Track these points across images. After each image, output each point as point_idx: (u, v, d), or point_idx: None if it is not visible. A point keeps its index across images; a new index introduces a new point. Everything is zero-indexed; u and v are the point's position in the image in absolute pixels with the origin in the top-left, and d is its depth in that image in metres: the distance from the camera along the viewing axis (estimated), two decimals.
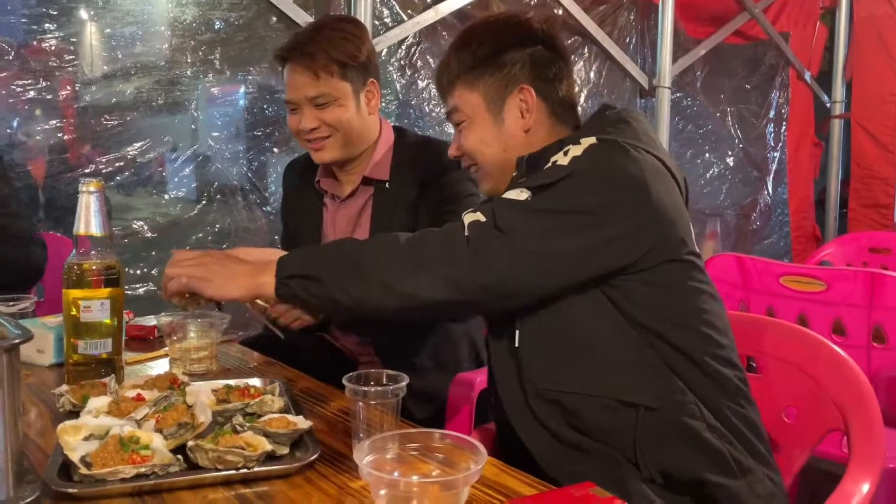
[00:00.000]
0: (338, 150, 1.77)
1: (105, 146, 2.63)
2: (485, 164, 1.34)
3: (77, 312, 1.25)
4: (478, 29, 1.38)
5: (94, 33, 2.62)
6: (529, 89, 1.30)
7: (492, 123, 1.32)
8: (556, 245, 1.10)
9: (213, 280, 1.20)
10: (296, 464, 0.99)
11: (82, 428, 0.99)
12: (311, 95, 1.71)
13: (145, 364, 1.53)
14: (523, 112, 1.31)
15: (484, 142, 1.33)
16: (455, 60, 1.34)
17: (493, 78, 1.31)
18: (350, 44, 1.73)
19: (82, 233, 1.25)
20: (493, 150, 1.33)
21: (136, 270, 2.62)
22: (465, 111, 1.33)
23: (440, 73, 1.37)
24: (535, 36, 1.33)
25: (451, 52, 1.36)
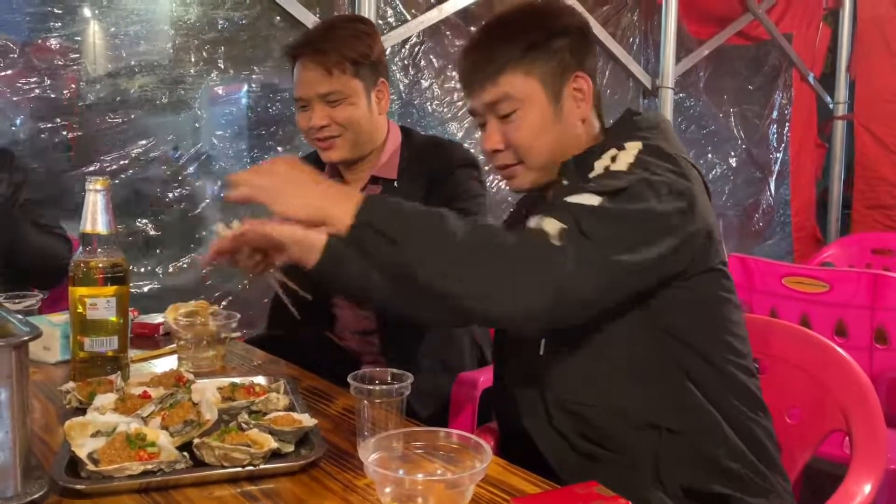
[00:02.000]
0: (347, 150, 1.77)
1: (109, 144, 2.64)
2: (534, 157, 1.26)
3: (83, 310, 1.26)
4: (520, 15, 1.31)
5: (98, 32, 2.62)
6: (585, 76, 1.26)
7: (551, 111, 1.25)
8: (641, 254, 1.05)
9: (281, 193, 1.06)
10: (301, 461, 1.00)
11: (89, 425, 0.99)
12: (323, 92, 1.71)
13: (150, 362, 1.53)
14: (579, 101, 1.27)
15: (542, 131, 1.24)
16: (503, 47, 1.25)
17: (548, 64, 1.24)
18: (362, 42, 1.73)
19: (89, 231, 1.26)
20: (547, 141, 1.25)
21: (141, 269, 2.63)
22: (519, 98, 1.24)
23: (478, 62, 1.27)
24: (577, 24, 1.29)
25: (491, 41, 1.27)
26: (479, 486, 0.93)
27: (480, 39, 1.31)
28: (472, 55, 1.30)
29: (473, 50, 1.30)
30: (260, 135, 2.97)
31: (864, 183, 4.69)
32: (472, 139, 3.48)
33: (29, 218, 2.01)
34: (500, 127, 1.27)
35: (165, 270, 2.72)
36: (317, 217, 1.04)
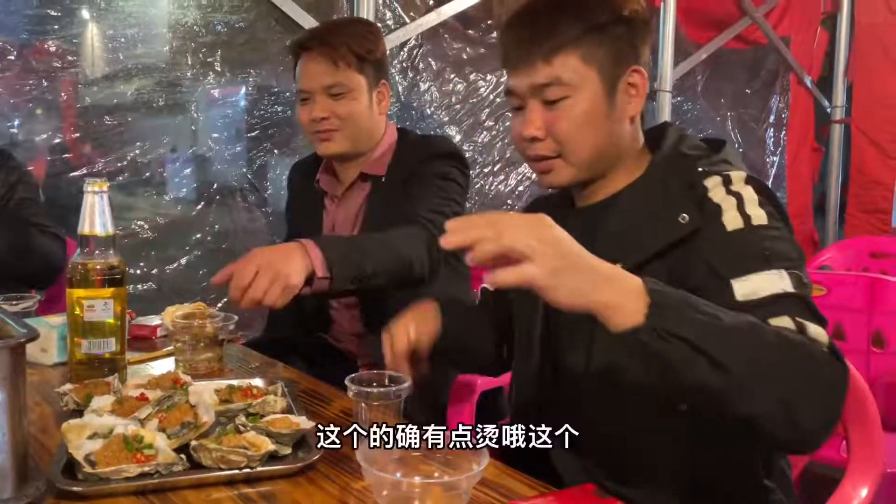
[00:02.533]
0: (345, 144, 1.78)
1: (106, 146, 2.64)
2: (578, 152, 1.14)
3: (81, 312, 1.26)
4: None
5: (96, 34, 2.63)
6: (642, 71, 1.16)
7: (605, 104, 1.13)
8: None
9: (557, 271, 0.85)
10: (298, 464, 0.99)
11: (86, 427, 0.99)
12: (328, 84, 1.73)
13: (148, 364, 1.53)
14: (632, 97, 1.16)
15: (591, 124, 1.13)
16: (564, 21, 1.11)
17: (608, 51, 1.13)
18: (368, 40, 1.77)
19: (87, 232, 1.26)
20: (595, 136, 1.13)
21: (137, 270, 2.63)
22: (573, 84, 1.11)
23: (532, 36, 1.12)
24: (642, 11, 1.18)
25: (551, 11, 1.14)
26: (475, 489, 0.92)
27: (537, 7, 1.16)
28: (524, 25, 1.15)
29: (527, 19, 1.15)
30: (257, 137, 2.97)
31: (859, 187, 4.70)
32: (471, 142, 3.49)
33: (22, 217, 2.00)
34: (544, 113, 1.14)
35: (162, 272, 2.72)
36: (593, 310, 0.86)
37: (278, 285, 1.28)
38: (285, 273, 1.28)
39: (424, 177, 1.73)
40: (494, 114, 3.55)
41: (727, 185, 1.07)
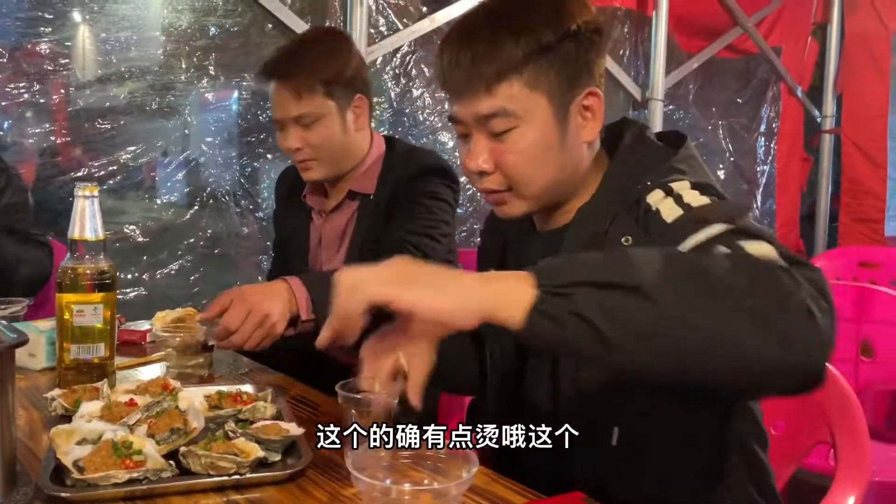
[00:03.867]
0: (325, 170, 1.75)
1: (97, 150, 2.63)
2: (528, 186, 1.07)
3: (70, 316, 1.25)
4: (524, 3, 1.04)
5: (89, 37, 2.62)
6: (598, 92, 1.07)
7: (556, 132, 1.05)
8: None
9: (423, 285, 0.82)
10: (288, 470, 0.99)
11: (75, 432, 0.98)
12: (295, 115, 1.68)
13: (137, 369, 1.52)
14: (587, 121, 1.07)
15: (541, 156, 1.05)
16: (505, 45, 1.00)
17: (557, 74, 1.02)
18: (335, 60, 1.70)
19: (77, 237, 1.25)
20: (547, 168, 1.06)
21: (128, 275, 2.62)
22: (517, 114, 1.02)
23: (471, 61, 1.01)
24: (593, 21, 1.05)
25: (490, 33, 1.02)
26: (465, 496, 0.93)
27: (475, 28, 1.04)
28: (462, 46, 1.03)
29: (465, 39, 1.04)
30: (250, 142, 2.97)
31: (850, 196, 4.73)
32: None
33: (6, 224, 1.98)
34: (490, 144, 1.06)
35: (153, 277, 2.71)
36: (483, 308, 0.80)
37: (262, 332, 1.37)
38: (272, 322, 1.37)
39: (412, 197, 1.71)
40: None
41: (668, 193, 1.00)
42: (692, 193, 0.98)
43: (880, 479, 1.93)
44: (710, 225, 0.90)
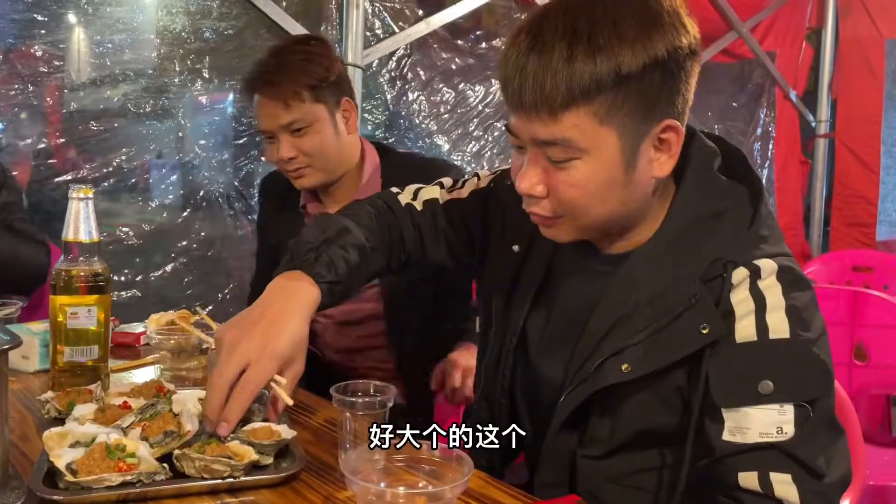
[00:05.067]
0: (319, 176, 1.74)
1: (91, 152, 2.63)
2: (583, 218, 0.98)
3: (64, 319, 1.25)
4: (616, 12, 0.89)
5: (83, 40, 2.62)
6: (677, 126, 0.95)
7: (622, 170, 0.94)
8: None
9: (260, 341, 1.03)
10: (282, 473, 0.99)
11: (68, 435, 0.98)
12: (286, 123, 1.67)
13: (130, 372, 1.52)
14: (660, 155, 0.96)
15: (602, 192, 0.94)
16: (581, 67, 0.87)
17: (633, 106, 0.90)
18: (317, 65, 1.68)
19: (71, 239, 1.25)
20: (611, 204, 0.96)
21: (122, 277, 2.61)
22: (580, 147, 0.91)
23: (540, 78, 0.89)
24: (688, 43, 0.92)
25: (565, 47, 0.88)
26: (460, 499, 0.92)
27: (548, 36, 0.89)
28: (531, 57, 0.90)
29: (535, 49, 0.90)
30: (244, 145, 2.96)
31: (843, 201, 4.75)
32: (459, 152, 3.50)
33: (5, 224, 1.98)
34: (545, 168, 0.95)
35: (147, 279, 2.70)
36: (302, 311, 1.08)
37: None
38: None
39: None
40: (483, 124, 3.56)
41: (754, 281, 0.94)
42: (777, 302, 0.93)
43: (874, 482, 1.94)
44: (772, 404, 0.89)
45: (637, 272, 1.02)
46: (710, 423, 0.93)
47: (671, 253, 1.00)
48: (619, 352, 0.99)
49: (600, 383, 1.00)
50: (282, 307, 1.06)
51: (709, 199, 1.02)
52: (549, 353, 1.13)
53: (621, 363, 0.98)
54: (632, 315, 0.99)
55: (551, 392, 1.09)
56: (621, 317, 1.00)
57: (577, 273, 1.11)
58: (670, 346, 0.96)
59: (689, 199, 1.02)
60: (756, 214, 1.00)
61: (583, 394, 1.02)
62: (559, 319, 1.12)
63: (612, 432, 1.03)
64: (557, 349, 1.11)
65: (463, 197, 1.28)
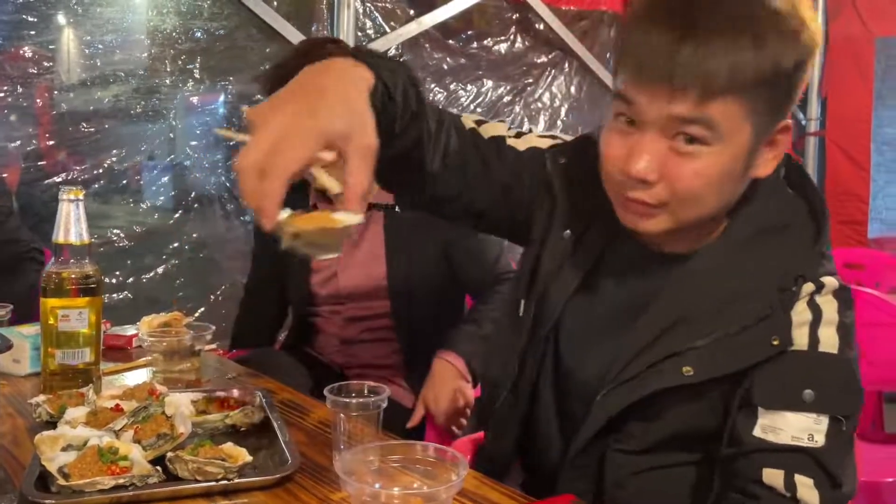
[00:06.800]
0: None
1: (82, 154, 2.62)
2: (691, 210, 0.94)
3: (55, 321, 1.24)
4: (780, 13, 0.87)
5: (73, 40, 2.61)
6: (790, 125, 0.95)
7: (742, 166, 0.92)
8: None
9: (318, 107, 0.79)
10: (276, 475, 0.98)
11: (60, 438, 0.97)
12: None
13: (123, 374, 1.51)
14: (769, 157, 0.95)
15: (721, 184, 0.92)
16: (744, 57, 0.85)
17: (769, 103, 0.89)
18: None
19: (61, 241, 1.24)
20: (721, 199, 0.94)
21: (113, 279, 2.60)
22: (720, 133, 0.88)
23: (698, 57, 0.84)
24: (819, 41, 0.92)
25: (727, 30, 0.85)
26: (455, 500, 0.92)
27: (708, 15, 0.86)
28: (686, 34, 0.85)
29: (692, 27, 0.86)
30: (236, 145, 2.95)
31: (834, 199, 4.77)
32: None
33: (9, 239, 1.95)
34: (668, 155, 0.90)
35: (138, 281, 2.69)
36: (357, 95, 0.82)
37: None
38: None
39: None
40: None
41: (813, 296, 0.95)
42: (830, 318, 0.95)
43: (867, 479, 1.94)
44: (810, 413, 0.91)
45: (700, 275, 1.00)
46: (743, 417, 0.94)
47: (737, 259, 0.99)
48: (678, 354, 0.96)
49: (655, 384, 0.97)
50: (331, 80, 0.82)
51: (776, 210, 1.01)
52: (586, 348, 1.08)
53: (681, 365, 0.95)
54: (694, 318, 0.97)
55: (582, 387, 1.06)
56: (681, 318, 0.98)
57: (629, 268, 1.06)
58: (738, 352, 0.94)
59: (759, 207, 1.00)
60: (821, 232, 0.99)
61: (632, 394, 0.99)
62: (603, 314, 1.07)
63: (647, 431, 1.02)
64: (596, 345, 1.07)
65: (520, 149, 1.12)
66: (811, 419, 0.91)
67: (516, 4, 3.71)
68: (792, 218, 1.01)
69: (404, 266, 1.79)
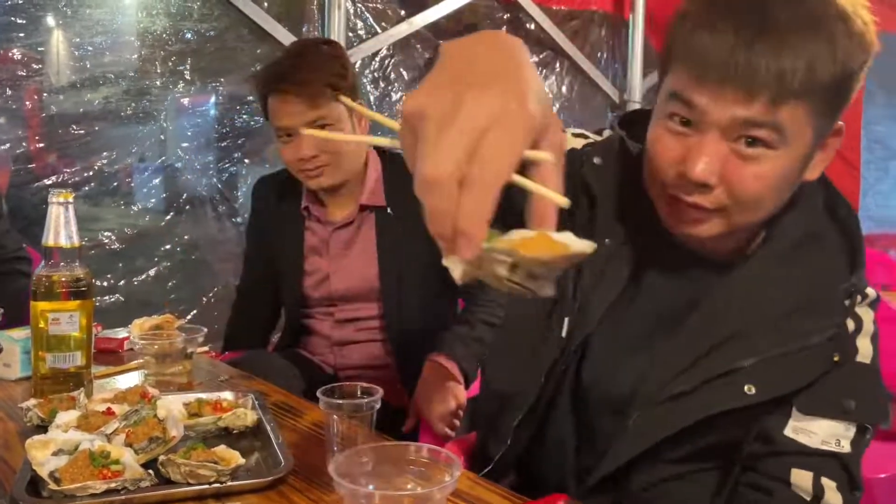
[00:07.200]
0: (337, 176, 1.76)
1: (71, 156, 2.61)
2: (751, 216, 0.91)
3: (45, 325, 1.23)
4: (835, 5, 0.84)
5: (63, 42, 2.59)
6: (842, 128, 0.93)
7: (799, 169, 0.90)
8: None
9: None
10: (270, 478, 0.98)
11: (51, 443, 0.97)
12: (310, 120, 1.68)
13: (114, 377, 1.50)
14: (824, 159, 0.94)
15: (779, 188, 0.89)
16: (822, 60, 0.81)
17: (832, 107, 0.87)
18: (336, 65, 1.72)
19: (51, 244, 1.23)
20: (775, 203, 0.91)
21: (104, 282, 2.59)
22: (786, 137, 0.84)
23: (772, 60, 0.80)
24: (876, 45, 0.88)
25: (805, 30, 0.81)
26: (449, 500, 0.92)
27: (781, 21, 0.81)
28: (760, 34, 0.81)
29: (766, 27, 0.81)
30: (227, 147, 2.95)
31: None
32: None
33: None
34: (729, 158, 0.86)
35: (130, 284, 2.68)
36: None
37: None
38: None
39: None
40: None
41: (855, 305, 0.96)
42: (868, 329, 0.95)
43: None
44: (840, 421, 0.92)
45: (748, 285, 0.97)
46: (774, 416, 0.94)
47: (784, 269, 0.96)
48: (735, 371, 0.93)
49: (717, 405, 0.93)
50: (505, 55, 0.61)
51: (813, 217, 0.99)
52: (617, 359, 1.04)
53: (742, 384, 0.92)
54: (748, 332, 0.94)
55: (611, 400, 1.03)
56: (735, 332, 0.95)
57: (668, 275, 1.02)
58: (801, 370, 0.93)
59: (801, 213, 0.98)
60: (858, 238, 0.99)
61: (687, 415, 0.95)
62: (637, 323, 1.03)
63: (685, 443, 0.98)
64: (629, 356, 1.03)
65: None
66: (842, 426, 0.93)
67: (507, 4, 3.71)
68: (826, 225, 0.99)
69: (396, 268, 1.79)
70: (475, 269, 0.61)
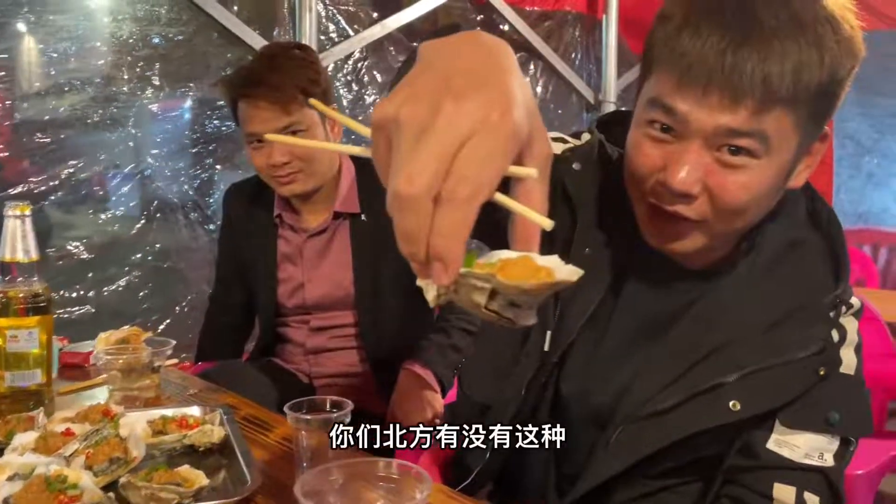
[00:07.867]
0: (310, 182, 1.73)
1: (39, 164, 2.55)
2: (733, 226, 0.89)
3: (3, 342, 1.19)
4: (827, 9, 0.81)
5: (27, 49, 2.54)
6: (829, 134, 0.90)
7: (783, 179, 0.87)
8: None
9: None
10: (236, 497, 0.95)
11: (6, 467, 0.93)
12: (282, 126, 1.64)
13: (79, 393, 1.46)
14: (808, 167, 0.90)
15: (761, 197, 0.86)
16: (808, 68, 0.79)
17: (817, 116, 0.85)
18: (309, 70, 1.68)
19: (8, 259, 1.19)
20: (756, 213, 0.89)
21: (72, 293, 2.53)
22: (771, 146, 0.82)
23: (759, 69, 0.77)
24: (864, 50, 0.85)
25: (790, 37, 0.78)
26: None
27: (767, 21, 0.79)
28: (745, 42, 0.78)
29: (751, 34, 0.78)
30: (199, 152, 2.90)
31: None
32: None
33: None
34: (712, 167, 0.83)
35: (100, 294, 2.63)
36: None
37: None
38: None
39: None
40: None
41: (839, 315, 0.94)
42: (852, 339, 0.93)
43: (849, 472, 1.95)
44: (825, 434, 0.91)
45: (731, 298, 0.95)
46: (757, 429, 0.92)
47: (767, 280, 0.95)
48: (721, 386, 0.91)
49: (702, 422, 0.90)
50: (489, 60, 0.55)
51: (793, 225, 0.97)
52: (596, 372, 1.02)
53: (726, 400, 0.90)
54: (731, 346, 0.92)
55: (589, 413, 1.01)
56: (720, 345, 0.92)
57: (648, 286, 1.00)
58: (786, 384, 0.90)
59: (782, 223, 0.96)
60: (842, 246, 0.95)
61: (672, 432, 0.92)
62: (616, 335, 1.01)
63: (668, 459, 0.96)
64: (609, 369, 1.01)
65: None
66: (825, 439, 0.91)
67: (480, 5, 3.69)
68: (810, 233, 0.97)
69: (371, 275, 1.76)
70: (451, 294, 0.58)
